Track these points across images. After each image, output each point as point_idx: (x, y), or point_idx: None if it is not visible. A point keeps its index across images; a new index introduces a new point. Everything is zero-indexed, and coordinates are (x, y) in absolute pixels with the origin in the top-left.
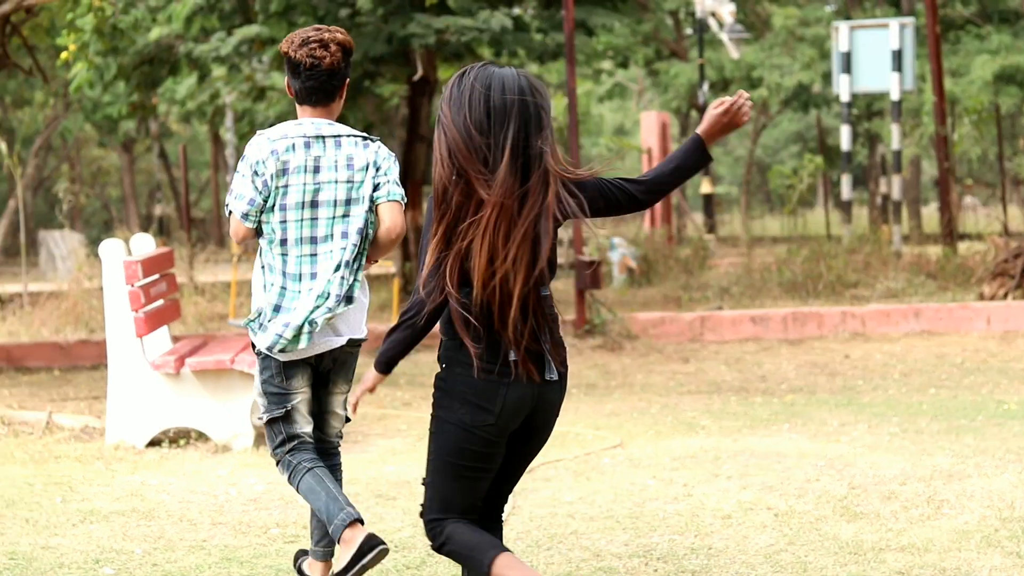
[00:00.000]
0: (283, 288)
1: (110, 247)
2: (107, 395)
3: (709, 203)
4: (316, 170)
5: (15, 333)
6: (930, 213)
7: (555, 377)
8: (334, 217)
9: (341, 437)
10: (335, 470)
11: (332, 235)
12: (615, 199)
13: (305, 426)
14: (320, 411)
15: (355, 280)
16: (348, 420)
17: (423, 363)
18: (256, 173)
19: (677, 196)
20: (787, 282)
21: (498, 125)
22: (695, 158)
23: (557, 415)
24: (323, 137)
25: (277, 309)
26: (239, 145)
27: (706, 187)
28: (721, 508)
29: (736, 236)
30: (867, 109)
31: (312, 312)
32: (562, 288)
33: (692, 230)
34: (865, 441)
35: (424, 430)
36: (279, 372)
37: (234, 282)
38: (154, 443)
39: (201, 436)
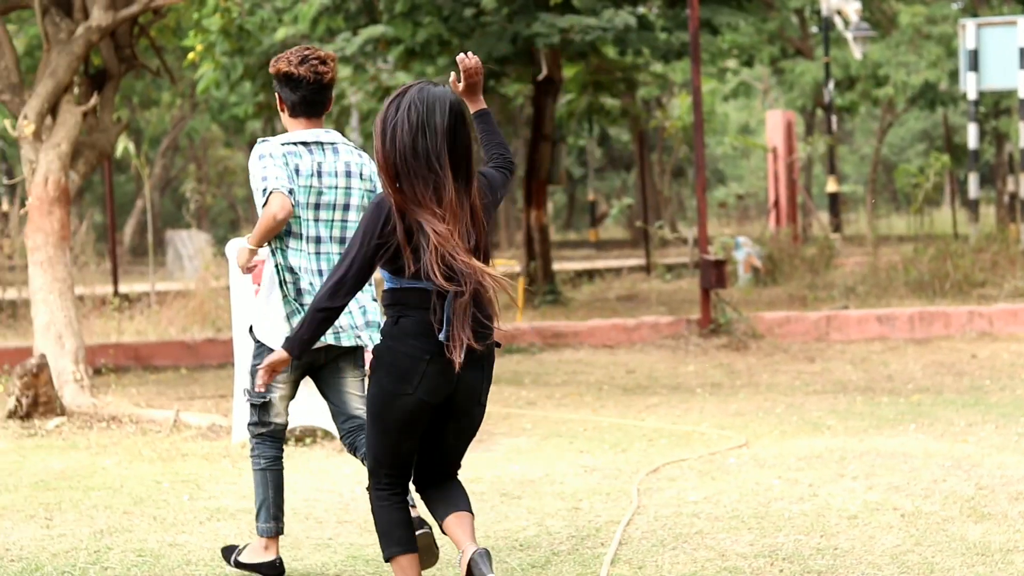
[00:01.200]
0: (299, 288)
1: (237, 246)
2: (233, 394)
3: (835, 202)
4: (319, 174)
5: (143, 332)
6: None
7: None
8: (332, 220)
9: None
10: None
11: (332, 237)
12: (505, 181)
13: (279, 417)
14: (338, 394)
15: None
16: None
17: (547, 362)
18: (285, 164)
19: (803, 195)
20: (913, 281)
21: (440, 139)
22: (491, 122)
23: (479, 402)
24: (322, 144)
25: (294, 308)
26: (364, 144)
27: (832, 186)
28: (847, 508)
29: (862, 235)
30: (994, 107)
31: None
32: (687, 287)
33: (818, 229)
34: (992, 441)
35: (549, 429)
36: None
37: None
38: None
39: (327, 435)
